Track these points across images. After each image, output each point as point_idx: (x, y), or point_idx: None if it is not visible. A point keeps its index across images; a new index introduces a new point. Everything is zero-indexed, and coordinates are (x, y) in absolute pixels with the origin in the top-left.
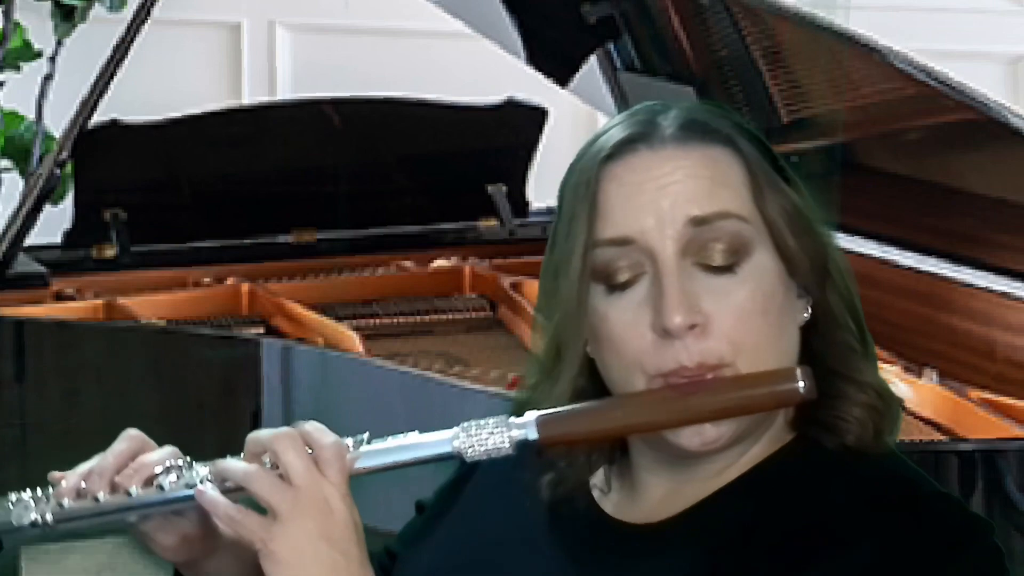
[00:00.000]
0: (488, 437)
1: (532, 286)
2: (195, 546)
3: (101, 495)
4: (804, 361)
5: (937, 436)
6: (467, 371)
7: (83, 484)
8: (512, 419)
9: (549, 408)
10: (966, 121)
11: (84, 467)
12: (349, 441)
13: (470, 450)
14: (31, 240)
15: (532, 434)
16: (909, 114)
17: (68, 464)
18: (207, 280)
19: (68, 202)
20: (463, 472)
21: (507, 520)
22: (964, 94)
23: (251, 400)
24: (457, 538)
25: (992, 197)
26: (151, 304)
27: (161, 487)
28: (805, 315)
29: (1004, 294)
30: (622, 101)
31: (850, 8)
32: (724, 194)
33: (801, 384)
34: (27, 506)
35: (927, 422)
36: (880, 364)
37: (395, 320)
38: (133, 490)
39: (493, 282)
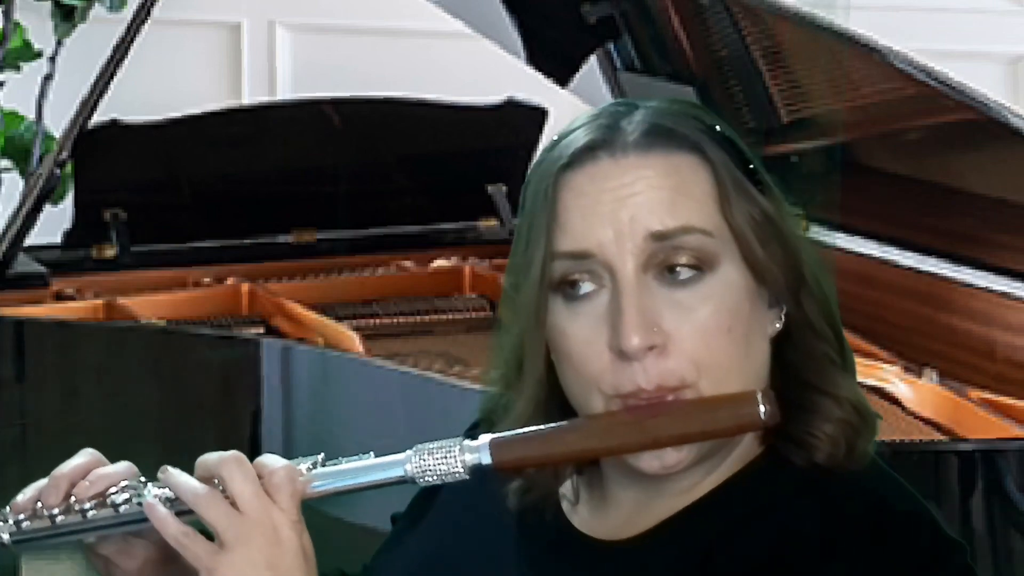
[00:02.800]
0: (441, 461)
1: None
2: (159, 570)
3: (57, 515)
4: (777, 374)
5: (937, 436)
6: (467, 371)
7: (38, 504)
8: (466, 442)
9: (507, 425)
10: (966, 121)
11: (40, 483)
12: (303, 465)
13: (424, 475)
14: (31, 240)
15: (486, 458)
16: (909, 114)
17: None
18: (207, 280)
19: (68, 202)
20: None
21: (475, 530)
22: (964, 94)
23: (251, 400)
24: (426, 547)
25: (992, 197)
26: (151, 304)
27: (115, 506)
28: (777, 325)
29: (1004, 294)
30: None
31: (850, 8)
32: (687, 206)
33: (762, 408)
34: None
35: (927, 422)
36: (880, 364)
37: (395, 320)
38: (89, 511)
39: (493, 282)
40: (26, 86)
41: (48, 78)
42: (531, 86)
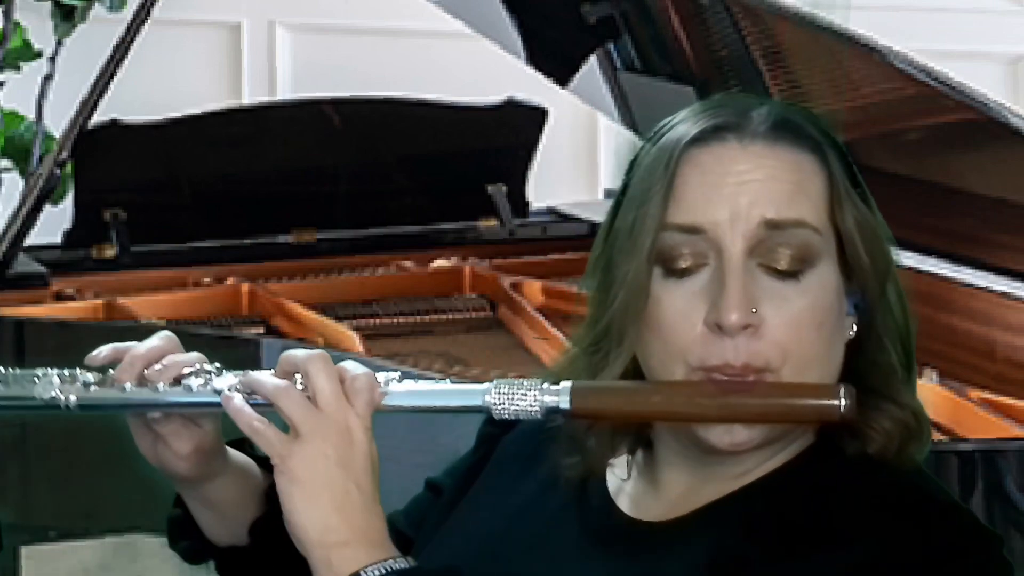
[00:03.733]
0: (521, 398)
1: (532, 286)
2: (204, 461)
3: (128, 386)
4: (843, 378)
5: (937, 436)
6: (467, 371)
7: (111, 371)
8: (547, 385)
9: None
10: (966, 121)
11: (119, 344)
12: (382, 377)
13: (500, 408)
14: (31, 240)
15: (565, 403)
16: (909, 114)
17: (67, 465)
18: (207, 280)
19: (68, 202)
20: (477, 456)
21: (521, 510)
22: (964, 94)
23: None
24: (469, 528)
25: (992, 197)
26: (151, 304)
27: (189, 387)
28: (851, 333)
29: (1004, 294)
30: (622, 101)
31: (850, 8)
32: (803, 202)
33: (844, 403)
34: (51, 382)
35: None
36: None
37: (395, 320)
38: (160, 386)
39: (493, 282)
40: (26, 86)
41: (48, 78)
42: (531, 86)
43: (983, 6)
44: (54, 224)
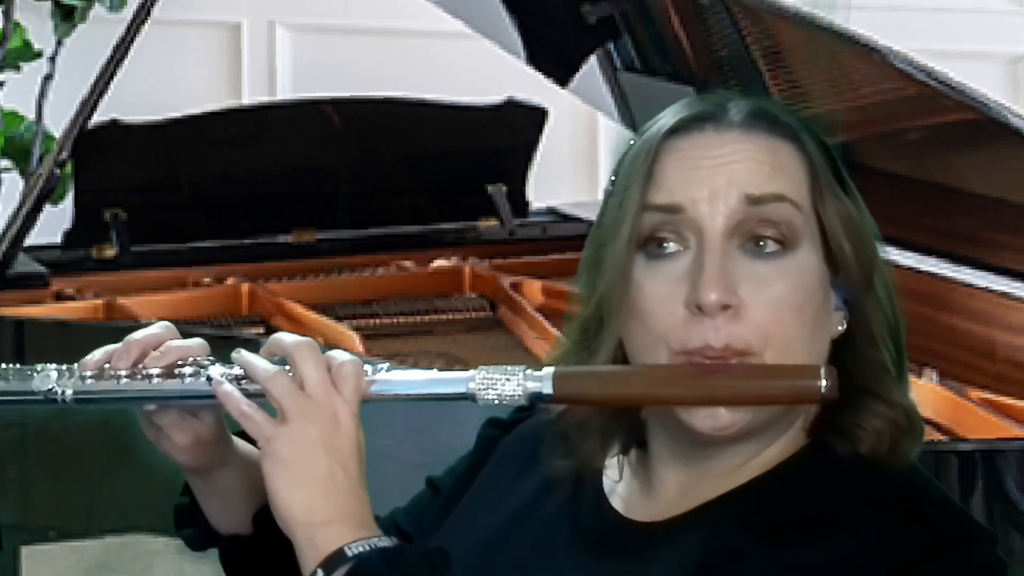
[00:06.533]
0: (504, 384)
1: (532, 286)
2: (207, 451)
3: (123, 377)
4: None
5: (937, 436)
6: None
7: (106, 365)
8: (530, 370)
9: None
10: (966, 121)
11: (112, 346)
12: (370, 368)
13: (484, 392)
14: (31, 240)
15: (547, 388)
16: (909, 114)
17: (67, 465)
18: (207, 280)
19: (68, 202)
20: (477, 456)
21: (518, 512)
22: (964, 94)
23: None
24: (468, 529)
25: (992, 197)
26: (151, 304)
27: (182, 377)
28: (840, 328)
29: (1004, 294)
30: (622, 101)
31: (850, 8)
32: (782, 180)
33: (824, 383)
34: (48, 376)
35: (927, 422)
36: None
37: (395, 320)
38: (155, 379)
39: (493, 282)
40: (26, 86)
41: (48, 78)
42: (531, 86)
43: (983, 6)
44: (54, 224)
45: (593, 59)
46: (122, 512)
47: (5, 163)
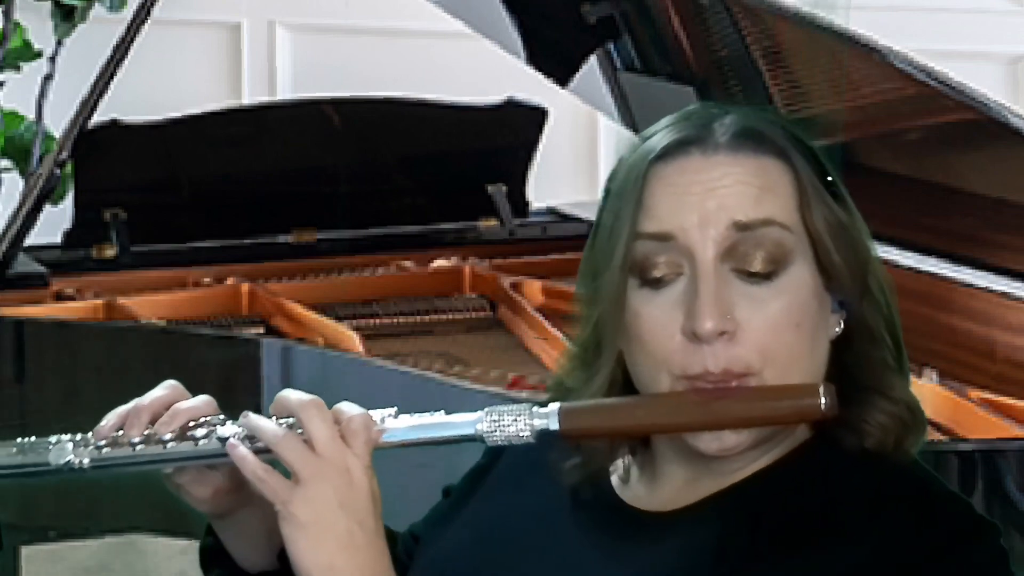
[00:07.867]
0: (511, 424)
1: (532, 286)
2: (227, 499)
3: (137, 444)
4: (833, 375)
5: (937, 436)
6: (467, 371)
7: (118, 432)
8: (536, 408)
9: (581, 399)
10: (966, 121)
11: (122, 409)
12: (377, 415)
13: (492, 434)
14: (31, 240)
15: (554, 424)
16: (909, 114)
17: None
18: (207, 280)
19: (68, 202)
20: (489, 458)
21: (528, 504)
22: (964, 94)
23: (251, 400)
24: (478, 522)
25: (992, 197)
26: (151, 304)
27: (195, 440)
28: (837, 329)
29: (1004, 294)
30: (622, 101)
31: (850, 8)
32: (771, 203)
33: (823, 401)
34: (64, 448)
35: (927, 422)
36: None
37: (395, 320)
38: (169, 443)
39: (493, 282)
40: (26, 86)
41: (48, 78)
42: (531, 86)
43: (983, 6)
44: (54, 224)
45: (593, 59)
46: (122, 512)
47: (5, 163)
